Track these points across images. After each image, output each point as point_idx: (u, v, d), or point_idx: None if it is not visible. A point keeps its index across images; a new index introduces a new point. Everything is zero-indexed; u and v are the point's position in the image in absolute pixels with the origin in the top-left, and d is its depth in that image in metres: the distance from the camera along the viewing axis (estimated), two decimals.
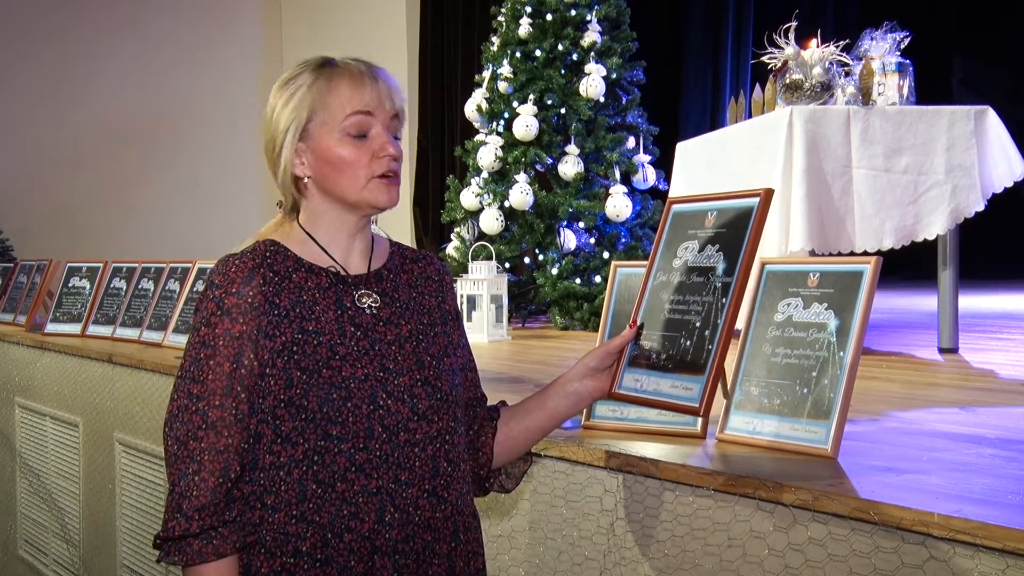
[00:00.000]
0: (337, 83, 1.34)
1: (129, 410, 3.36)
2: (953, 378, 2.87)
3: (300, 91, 1.35)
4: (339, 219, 1.39)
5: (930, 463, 1.62)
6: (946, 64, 7.65)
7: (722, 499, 1.55)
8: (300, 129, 1.35)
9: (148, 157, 8.07)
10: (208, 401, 1.27)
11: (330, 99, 1.34)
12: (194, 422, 1.27)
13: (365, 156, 1.35)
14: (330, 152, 1.34)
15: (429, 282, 1.47)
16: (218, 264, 1.33)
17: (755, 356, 1.74)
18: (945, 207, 3.22)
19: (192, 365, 1.29)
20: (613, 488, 1.75)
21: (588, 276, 4.75)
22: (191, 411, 1.27)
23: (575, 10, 5.03)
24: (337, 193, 1.36)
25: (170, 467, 1.27)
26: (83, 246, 6.98)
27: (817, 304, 1.67)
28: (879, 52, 3.42)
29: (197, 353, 1.29)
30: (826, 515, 1.39)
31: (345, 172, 1.35)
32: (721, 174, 3.82)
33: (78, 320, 4.11)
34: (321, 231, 1.39)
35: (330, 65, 1.37)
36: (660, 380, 1.47)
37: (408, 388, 1.33)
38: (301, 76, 1.36)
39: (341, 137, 1.34)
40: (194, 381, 1.28)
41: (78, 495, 3.70)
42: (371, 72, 1.36)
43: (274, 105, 1.37)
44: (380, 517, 1.29)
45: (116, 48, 7.95)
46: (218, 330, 1.28)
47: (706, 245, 1.47)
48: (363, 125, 1.35)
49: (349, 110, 1.34)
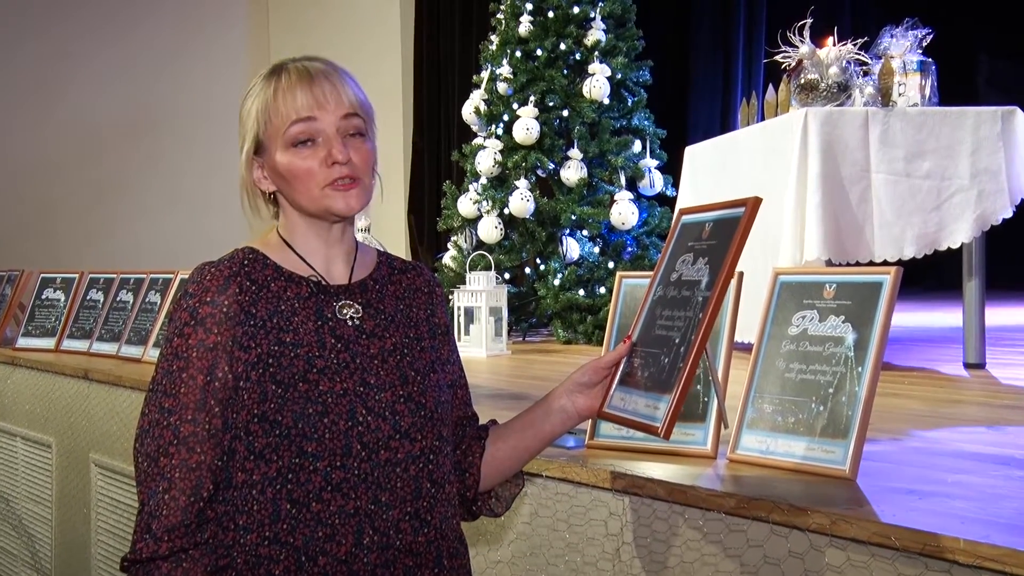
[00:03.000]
0: (277, 91, 1.35)
1: (106, 430, 3.35)
2: (979, 395, 2.87)
3: (247, 106, 1.38)
4: (311, 228, 1.40)
5: (955, 486, 1.62)
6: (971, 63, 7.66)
7: (734, 523, 1.54)
8: (254, 143, 1.38)
9: (128, 162, 8.09)
10: (180, 415, 1.26)
11: (272, 110, 1.35)
12: (165, 437, 1.26)
13: (315, 164, 1.35)
14: (280, 165, 1.36)
15: (418, 294, 1.47)
16: (194, 272, 1.33)
17: (768, 372, 1.74)
18: (970, 214, 3.22)
19: (164, 378, 1.29)
20: (619, 511, 1.74)
21: (592, 287, 4.75)
22: (162, 426, 1.27)
23: (578, 7, 5.04)
24: (296, 204, 1.38)
25: (140, 485, 1.27)
26: (59, 255, 6.98)
27: (834, 317, 1.67)
28: (899, 50, 3.43)
29: (169, 365, 1.29)
30: (844, 540, 1.39)
31: (297, 183, 1.36)
32: (732, 180, 3.82)
33: (51, 334, 4.11)
34: (299, 240, 1.41)
35: (275, 73, 1.38)
36: (639, 399, 1.45)
37: (390, 404, 1.33)
38: (252, 90, 1.39)
39: (286, 148, 1.35)
40: (166, 395, 1.28)
41: (50, 520, 3.69)
42: (308, 73, 1.35)
43: (240, 116, 1.40)
44: (358, 540, 1.28)
45: (96, 48, 7.98)
46: (191, 341, 1.28)
47: (698, 258, 1.46)
48: (307, 132, 1.34)
49: (289, 119, 1.34)
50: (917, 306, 5.93)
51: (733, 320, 1.85)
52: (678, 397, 1.37)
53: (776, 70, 3.62)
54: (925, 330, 4.76)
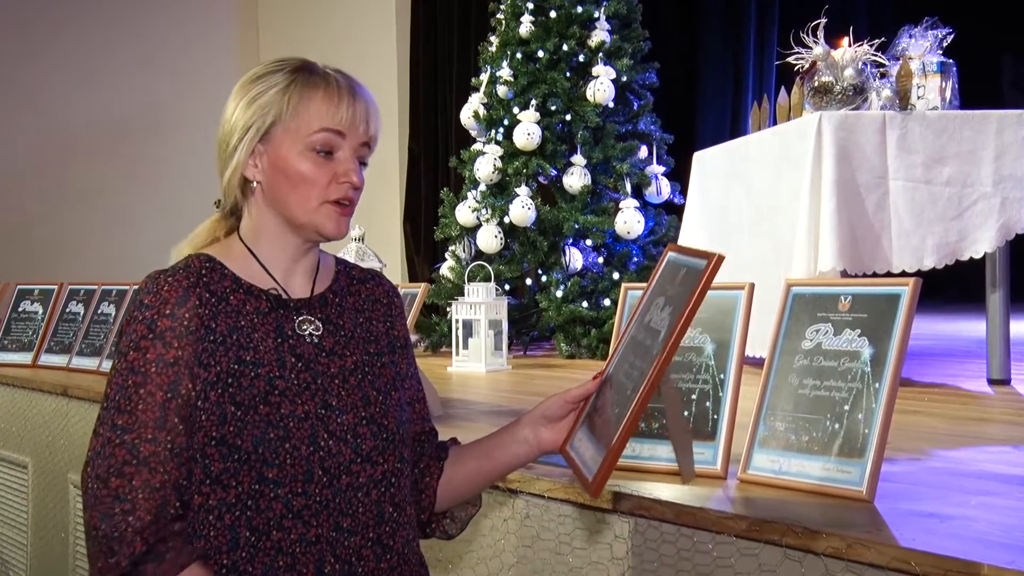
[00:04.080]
0: (313, 92, 1.36)
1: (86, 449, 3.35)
2: (1004, 412, 2.87)
3: (272, 91, 1.36)
4: (281, 237, 1.40)
5: (979, 508, 1.62)
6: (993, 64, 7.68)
7: (745, 546, 1.54)
8: (263, 130, 1.36)
9: (110, 168, 8.09)
10: (138, 434, 1.26)
11: (302, 107, 1.35)
12: (118, 456, 1.25)
13: (325, 176, 1.36)
14: (288, 163, 1.36)
15: (377, 305, 1.48)
16: (147, 282, 1.32)
17: (780, 388, 1.74)
18: (993, 222, 3.23)
19: (118, 394, 1.28)
20: (624, 534, 1.74)
21: (596, 299, 4.76)
22: (115, 444, 1.26)
23: (581, 7, 5.07)
24: (284, 208, 1.38)
25: (90, 510, 1.25)
26: (34, 266, 6.97)
27: (849, 330, 1.67)
28: (918, 51, 3.45)
29: (124, 380, 1.28)
30: (862, 565, 1.39)
31: (298, 188, 1.36)
32: (742, 187, 3.83)
33: (29, 348, 4.11)
34: (263, 247, 1.40)
35: (309, 70, 1.38)
36: (589, 446, 1.42)
37: (352, 427, 1.33)
38: (275, 75, 1.37)
39: (304, 150, 1.36)
40: (119, 411, 1.27)
41: (25, 545, 3.68)
42: (352, 89, 1.38)
43: (239, 99, 1.38)
44: (319, 569, 1.29)
45: (75, 47, 7.99)
46: (149, 355, 1.27)
47: (667, 305, 1.40)
48: (331, 144, 1.36)
49: (319, 125, 1.35)
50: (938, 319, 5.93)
51: (744, 334, 1.86)
52: (611, 455, 1.32)
53: (789, 72, 3.63)
54: (946, 344, 4.76)
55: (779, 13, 6.98)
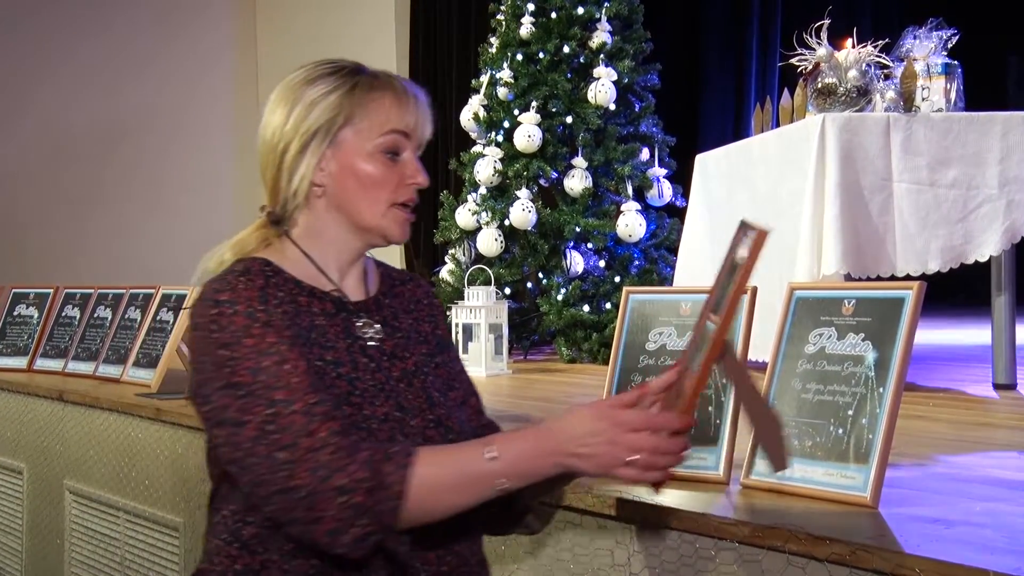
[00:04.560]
0: (381, 94, 1.37)
1: (82, 455, 3.35)
2: (1010, 417, 2.87)
3: (337, 93, 1.36)
4: (343, 240, 1.40)
5: (984, 514, 1.62)
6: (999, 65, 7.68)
7: (748, 553, 1.54)
8: (333, 133, 1.36)
9: (106, 171, 8.09)
10: (303, 400, 1.22)
11: (372, 108, 1.36)
12: (297, 422, 1.21)
13: (393, 179, 1.37)
14: (358, 166, 1.36)
15: (420, 306, 1.49)
16: (215, 285, 1.29)
17: (784, 393, 1.74)
18: (999, 225, 3.22)
19: (258, 378, 1.23)
20: (626, 540, 1.74)
21: (597, 303, 4.76)
22: (285, 415, 1.21)
23: (583, 8, 5.07)
24: (351, 212, 1.37)
25: (285, 485, 1.19)
26: (29, 270, 6.98)
27: (853, 334, 1.67)
28: (923, 52, 3.45)
29: (257, 365, 1.23)
30: (866, 572, 1.39)
31: (369, 191, 1.36)
32: (745, 189, 3.83)
33: (24, 353, 4.11)
34: (318, 250, 1.39)
35: (367, 72, 1.39)
36: None
37: (421, 430, 1.34)
38: (334, 77, 1.38)
39: (373, 152, 1.36)
40: (272, 388, 1.22)
41: (20, 552, 3.68)
42: (417, 96, 1.40)
43: (292, 103, 1.37)
44: (391, 571, 1.29)
45: (70, 48, 7.98)
46: (269, 338, 1.25)
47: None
48: (398, 145, 1.38)
49: (389, 126, 1.36)
50: (943, 323, 5.93)
51: (746, 338, 1.86)
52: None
53: (792, 74, 3.63)
54: (952, 348, 4.76)
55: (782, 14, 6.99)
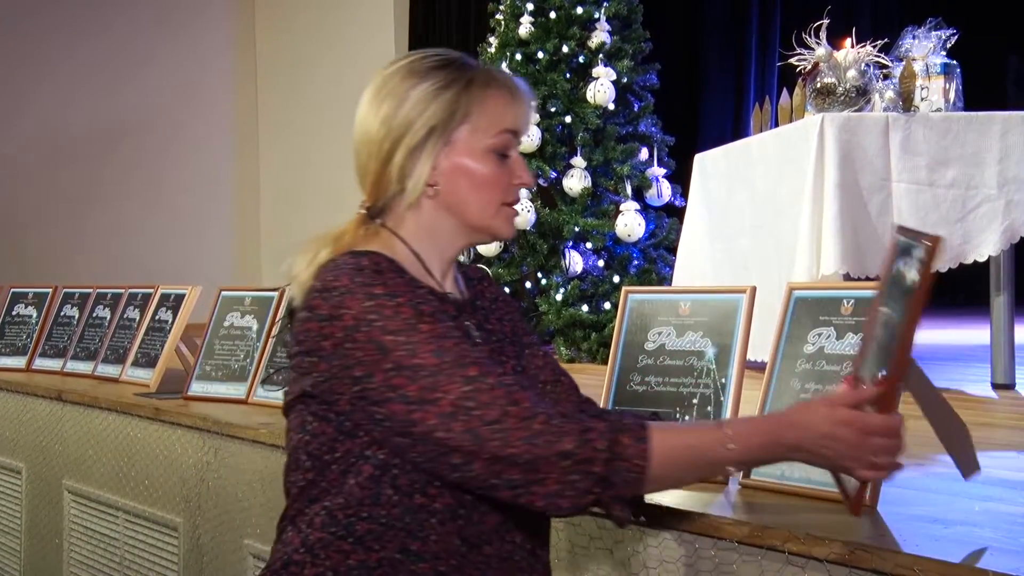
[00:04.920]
0: (496, 92, 1.35)
1: (80, 454, 3.35)
2: (1009, 418, 2.87)
3: (453, 89, 1.34)
4: (450, 239, 1.38)
5: (983, 514, 1.62)
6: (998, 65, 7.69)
7: (747, 552, 1.54)
8: (450, 131, 1.34)
9: (104, 170, 8.09)
10: (495, 374, 1.23)
11: (488, 107, 1.34)
12: (498, 394, 1.21)
13: (504, 178, 1.36)
14: (471, 166, 1.34)
15: (497, 304, 1.49)
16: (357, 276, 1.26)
17: (782, 392, 1.74)
18: (998, 225, 3.23)
19: (445, 358, 1.22)
20: (625, 540, 1.74)
21: (596, 303, 4.76)
22: (484, 391, 1.21)
23: (582, 7, 5.07)
24: (462, 211, 1.36)
25: (497, 453, 1.19)
26: (28, 270, 6.97)
27: (852, 334, 1.67)
28: (922, 52, 3.45)
29: (439, 346, 1.23)
30: (865, 571, 1.39)
31: (481, 191, 1.35)
32: (744, 189, 3.84)
33: (23, 353, 4.11)
34: (424, 249, 1.38)
35: (480, 69, 1.37)
36: None
37: None
38: (446, 71, 1.35)
39: (486, 152, 1.35)
40: (461, 366, 1.22)
41: (19, 551, 3.68)
42: (526, 91, 1.39)
43: (404, 95, 1.34)
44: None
45: (68, 46, 7.97)
46: (439, 327, 1.24)
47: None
48: (508, 145, 1.37)
49: (503, 126, 1.35)
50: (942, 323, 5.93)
51: (745, 337, 1.86)
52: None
53: (791, 73, 3.64)
54: (951, 348, 4.76)
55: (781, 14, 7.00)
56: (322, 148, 7.82)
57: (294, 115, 8.21)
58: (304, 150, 8.07)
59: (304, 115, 8.11)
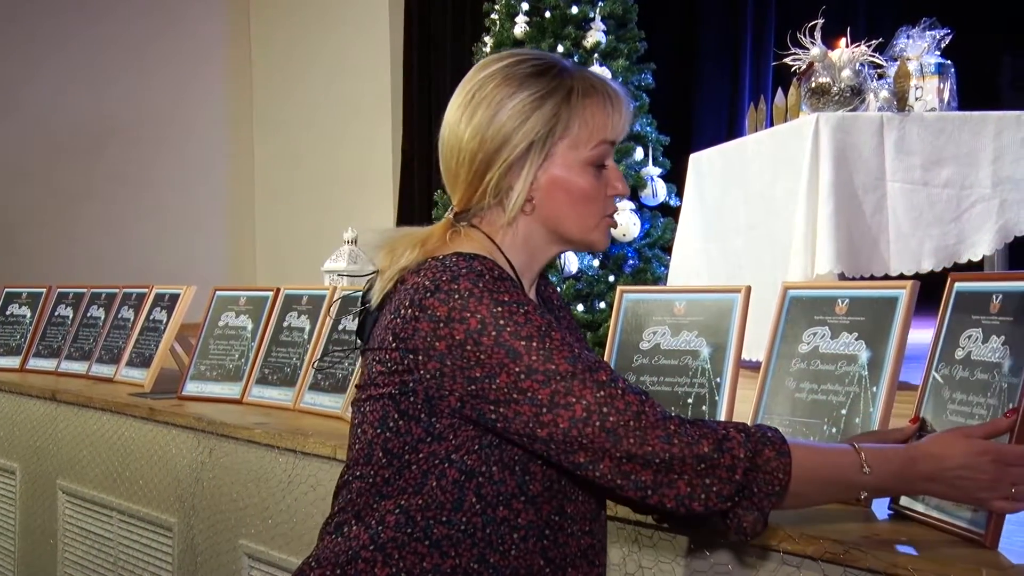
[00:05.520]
0: (596, 101, 1.31)
1: (75, 455, 3.35)
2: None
3: (553, 100, 1.29)
4: (543, 251, 1.37)
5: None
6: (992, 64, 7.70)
7: (742, 552, 1.55)
8: (551, 144, 1.29)
9: (97, 169, 8.07)
10: (623, 379, 1.23)
11: (588, 118, 1.30)
12: (631, 400, 1.21)
13: (602, 192, 1.33)
14: (570, 180, 1.31)
15: (552, 307, 1.48)
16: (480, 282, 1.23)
17: (777, 392, 1.75)
18: (992, 224, 3.24)
19: (572, 366, 1.21)
20: (620, 540, 1.74)
21: (591, 302, 4.76)
22: (617, 398, 1.20)
23: (577, 7, 5.07)
24: (558, 225, 1.34)
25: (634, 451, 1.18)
26: (19, 270, 6.95)
27: (847, 333, 1.68)
28: (916, 52, 3.46)
29: (572, 352, 1.22)
30: (860, 571, 1.39)
31: (580, 205, 1.32)
32: (739, 189, 3.84)
33: (17, 353, 4.10)
34: (517, 258, 1.35)
35: (578, 76, 1.32)
36: None
37: None
38: (545, 79, 1.30)
39: (585, 165, 1.31)
40: (592, 370, 1.21)
41: (12, 552, 3.67)
42: (626, 97, 1.34)
43: (500, 104, 1.29)
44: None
45: (58, 44, 7.94)
46: (568, 335, 1.25)
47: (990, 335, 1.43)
48: (606, 156, 1.33)
49: (601, 137, 1.31)
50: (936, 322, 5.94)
51: (740, 337, 1.86)
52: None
53: (786, 73, 3.64)
54: None
55: (776, 13, 7.00)
56: (317, 146, 7.82)
57: (289, 113, 8.19)
58: (299, 149, 8.06)
59: (299, 113, 8.09)
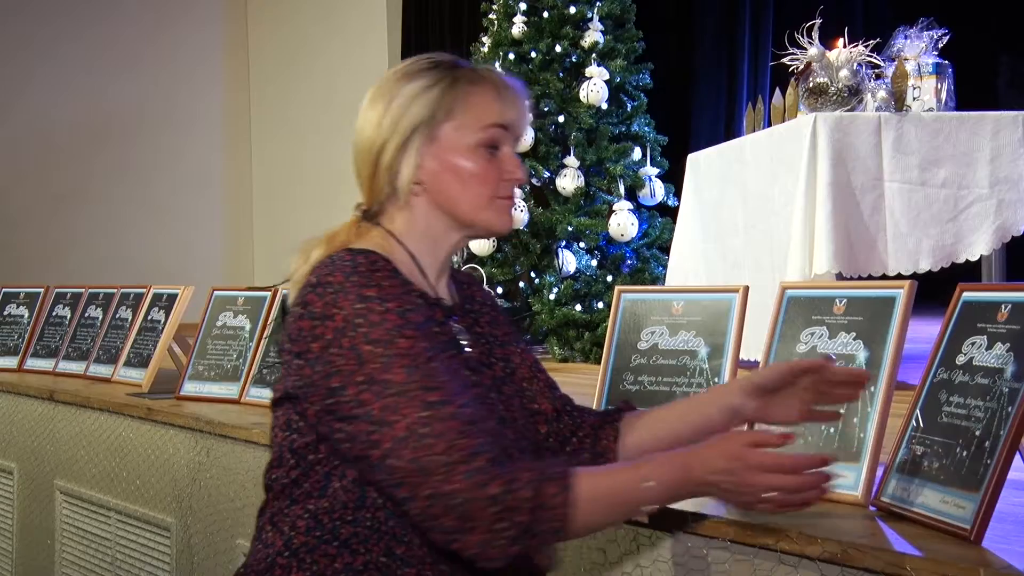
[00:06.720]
0: (483, 88, 1.36)
1: (72, 455, 3.34)
2: None
3: (437, 88, 1.35)
4: (443, 237, 1.39)
5: None
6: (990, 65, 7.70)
7: (739, 551, 1.55)
8: (433, 129, 1.35)
9: (95, 169, 8.07)
10: (457, 404, 1.21)
11: (472, 103, 1.35)
12: (452, 427, 1.20)
13: (494, 173, 1.36)
14: (458, 162, 1.35)
15: (485, 308, 1.49)
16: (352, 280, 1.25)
17: None
18: (989, 224, 3.24)
19: (411, 377, 1.21)
20: (618, 540, 1.74)
21: (589, 302, 4.76)
22: (439, 420, 1.20)
23: (575, 7, 5.07)
24: (452, 208, 1.36)
25: (438, 490, 1.18)
26: (18, 270, 6.95)
27: (844, 333, 1.68)
28: (914, 52, 3.46)
29: (412, 363, 1.21)
30: (857, 570, 1.39)
31: (470, 186, 1.35)
32: (737, 189, 3.84)
33: (14, 353, 4.10)
34: (419, 249, 1.38)
35: (468, 67, 1.39)
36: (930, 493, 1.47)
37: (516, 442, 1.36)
38: (434, 72, 1.37)
39: (474, 147, 1.35)
40: (427, 390, 1.21)
41: (10, 552, 3.67)
42: (515, 86, 1.40)
43: (389, 99, 1.36)
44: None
45: (55, 44, 7.93)
46: (423, 342, 1.24)
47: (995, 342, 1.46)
48: (498, 139, 1.37)
49: (490, 120, 1.35)
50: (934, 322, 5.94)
51: (738, 337, 1.86)
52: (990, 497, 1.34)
53: (783, 73, 3.64)
54: None
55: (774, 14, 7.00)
56: (315, 147, 7.81)
57: (287, 113, 8.19)
58: (297, 149, 8.06)
59: (297, 113, 8.10)
